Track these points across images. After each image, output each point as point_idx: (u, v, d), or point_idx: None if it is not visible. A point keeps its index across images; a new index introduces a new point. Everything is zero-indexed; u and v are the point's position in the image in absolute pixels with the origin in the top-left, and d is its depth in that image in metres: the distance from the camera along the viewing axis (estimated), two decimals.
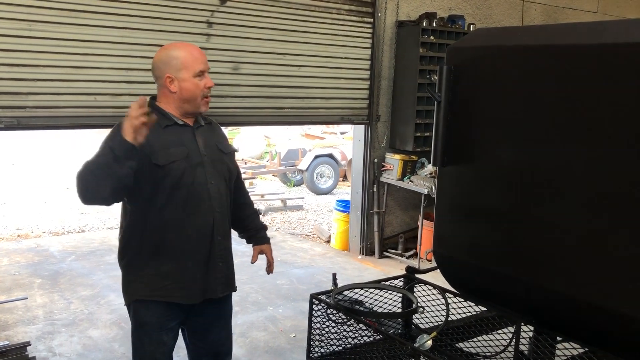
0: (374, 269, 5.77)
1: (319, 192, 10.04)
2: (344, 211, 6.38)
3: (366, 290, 2.66)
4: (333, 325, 2.41)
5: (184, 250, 2.33)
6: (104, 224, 7.53)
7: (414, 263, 5.76)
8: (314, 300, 2.46)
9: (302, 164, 10.15)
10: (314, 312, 2.46)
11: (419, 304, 2.50)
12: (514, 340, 2.31)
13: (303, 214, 8.61)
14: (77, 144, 12.51)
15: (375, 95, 5.84)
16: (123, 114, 4.40)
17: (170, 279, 2.34)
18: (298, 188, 10.65)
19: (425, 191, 5.51)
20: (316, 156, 10.09)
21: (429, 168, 5.74)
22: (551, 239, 2.19)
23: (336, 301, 2.44)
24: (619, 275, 1.99)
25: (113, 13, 4.15)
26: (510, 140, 2.33)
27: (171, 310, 2.38)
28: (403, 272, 2.79)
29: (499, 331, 2.50)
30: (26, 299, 4.72)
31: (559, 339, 2.27)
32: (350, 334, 2.39)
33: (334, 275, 2.61)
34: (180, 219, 2.30)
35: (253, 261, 2.73)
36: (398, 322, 2.76)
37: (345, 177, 10.64)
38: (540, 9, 7.27)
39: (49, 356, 3.81)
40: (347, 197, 6.59)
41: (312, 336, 2.46)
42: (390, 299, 2.73)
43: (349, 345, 2.39)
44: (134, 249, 2.35)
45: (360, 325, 2.35)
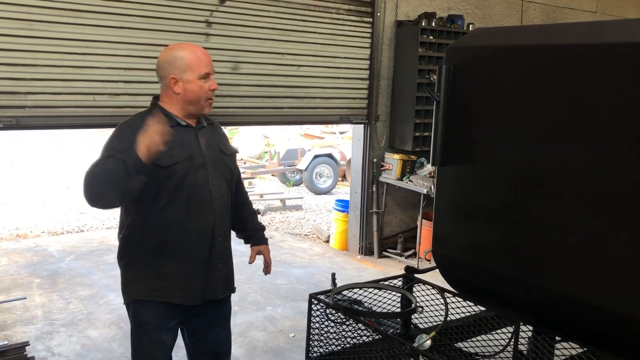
0: (373, 268, 5.77)
1: (318, 192, 10.04)
2: (343, 211, 6.38)
3: (365, 290, 2.66)
4: (332, 325, 2.41)
5: (184, 251, 2.33)
6: (103, 224, 7.53)
7: (413, 263, 5.76)
8: (313, 300, 2.46)
9: (301, 163, 10.15)
10: (313, 312, 2.45)
11: (418, 304, 2.50)
12: (513, 340, 2.31)
13: (302, 213, 8.60)
14: (77, 143, 12.50)
15: (374, 95, 5.84)
16: (122, 114, 4.41)
17: (170, 280, 2.34)
18: (297, 188, 10.65)
19: (425, 191, 5.51)
20: (315, 156, 10.09)
21: (428, 168, 5.74)
22: (551, 239, 2.19)
23: (335, 301, 2.43)
24: (619, 275, 1.99)
25: (112, 13, 4.15)
26: (510, 140, 2.33)
27: (171, 311, 2.38)
28: (402, 272, 2.79)
29: (498, 331, 2.50)
30: (25, 298, 4.72)
31: (557, 338, 2.27)
32: (349, 333, 2.39)
33: (333, 275, 2.61)
34: (181, 220, 2.30)
35: (251, 262, 2.73)
36: (397, 322, 2.76)
37: (344, 177, 10.64)
38: (539, 9, 7.27)
39: (47, 356, 3.81)
40: (346, 197, 6.59)
41: (311, 336, 2.45)
42: (389, 299, 2.73)
43: (348, 345, 2.39)
44: (134, 248, 2.35)
45: (359, 325, 2.35)
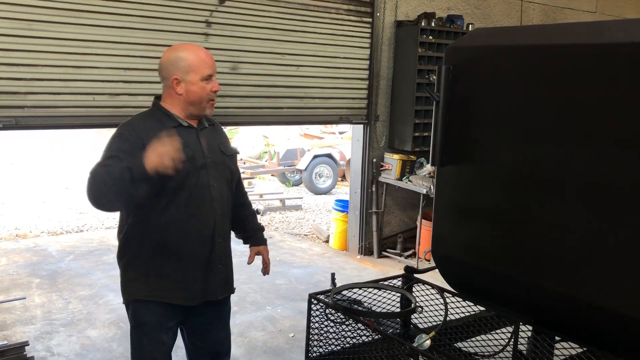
0: (372, 268, 5.77)
1: (317, 192, 10.04)
2: (343, 211, 6.37)
3: (365, 290, 2.66)
4: (332, 325, 2.42)
5: (184, 252, 2.33)
6: (102, 224, 7.52)
7: (412, 263, 5.76)
8: (313, 300, 2.46)
9: (301, 163, 10.15)
10: (312, 312, 2.46)
11: (417, 304, 2.50)
12: (512, 339, 2.31)
13: (302, 213, 8.60)
14: (77, 143, 12.50)
15: (374, 95, 5.84)
16: (121, 114, 4.41)
17: (170, 280, 2.34)
18: (297, 188, 10.65)
19: (424, 191, 5.51)
20: (315, 156, 10.08)
21: (428, 168, 5.74)
22: (550, 239, 2.19)
23: (335, 301, 2.44)
24: (619, 275, 1.99)
25: (111, 13, 4.15)
26: (509, 140, 2.33)
27: (170, 310, 2.38)
28: (402, 272, 2.79)
29: (498, 331, 2.50)
30: (24, 298, 4.72)
31: (557, 338, 2.27)
32: (349, 333, 2.39)
33: (333, 275, 2.61)
34: (181, 220, 2.30)
35: (249, 262, 2.73)
36: (397, 322, 2.76)
37: (344, 177, 10.64)
38: (538, 9, 7.27)
39: (47, 356, 3.81)
40: (346, 197, 6.59)
41: (311, 336, 2.46)
42: (389, 299, 2.73)
43: (347, 345, 2.40)
44: (134, 248, 2.35)
45: (359, 325, 2.35)
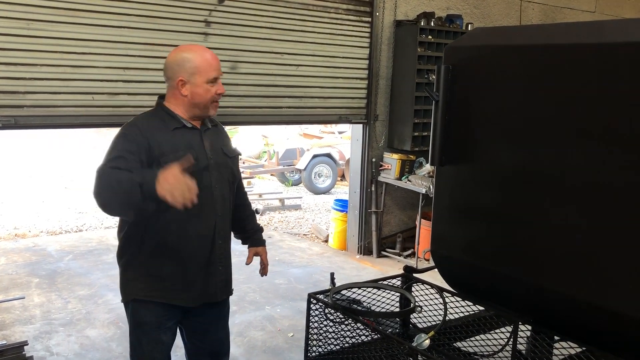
0: (371, 268, 5.77)
1: (317, 192, 10.03)
2: (342, 211, 6.38)
3: (364, 290, 2.66)
4: (331, 324, 2.42)
5: (184, 253, 2.33)
6: (102, 224, 7.52)
7: (411, 262, 5.76)
8: (312, 299, 2.46)
9: (300, 163, 10.14)
10: (311, 312, 2.46)
11: (416, 304, 2.50)
12: (511, 339, 2.31)
13: (301, 213, 8.60)
14: (76, 143, 12.50)
15: (373, 95, 5.84)
16: (121, 113, 4.40)
17: (170, 281, 2.34)
18: (296, 187, 10.64)
19: (423, 190, 5.51)
20: (314, 156, 10.08)
21: (427, 167, 5.74)
22: (550, 239, 2.19)
23: (334, 300, 2.44)
24: (618, 275, 1.99)
25: (110, 12, 4.15)
26: (508, 140, 2.33)
27: (170, 310, 2.38)
28: (401, 272, 2.79)
29: (497, 330, 2.50)
30: (23, 298, 4.71)
31: (556, 338, 2.28)
32: (348, 333, 2.39)
33: (332, 274, 2.62)
34: (182, 221, 2.30)
35: (248, 263, 2.73)
36: (396, 322, 2.76)
37: (343, 177, 10.63)
38: (538, 9, 7.27)
39: (46, 356, 3.81)
40: (345, 197, 6.59)
41: (310, 335, 2.46)
42: (388, 299, 2.73)
43: (346, 344, 2.40)
44: (134, 247, 2.35)
45: (358, 324, 2.35)
